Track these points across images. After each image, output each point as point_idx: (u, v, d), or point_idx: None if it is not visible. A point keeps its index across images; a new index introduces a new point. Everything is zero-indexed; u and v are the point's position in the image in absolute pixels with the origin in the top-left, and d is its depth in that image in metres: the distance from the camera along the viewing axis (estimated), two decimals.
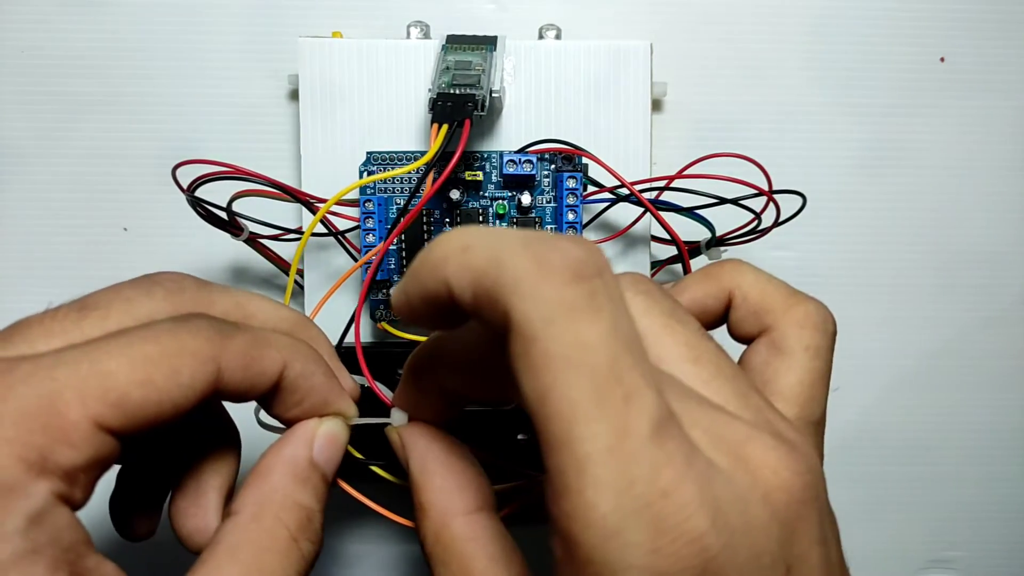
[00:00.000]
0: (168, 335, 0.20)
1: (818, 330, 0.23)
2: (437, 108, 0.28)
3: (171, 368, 0.20)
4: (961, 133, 0.39)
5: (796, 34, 0.39)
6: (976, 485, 0.41)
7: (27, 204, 0.38)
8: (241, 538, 0.21)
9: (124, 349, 0.20)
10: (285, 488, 0.22)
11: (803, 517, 0.18)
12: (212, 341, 0.21)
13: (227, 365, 0.21)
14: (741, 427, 0.18)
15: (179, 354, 0.20)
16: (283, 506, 0.22)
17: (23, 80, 0.38)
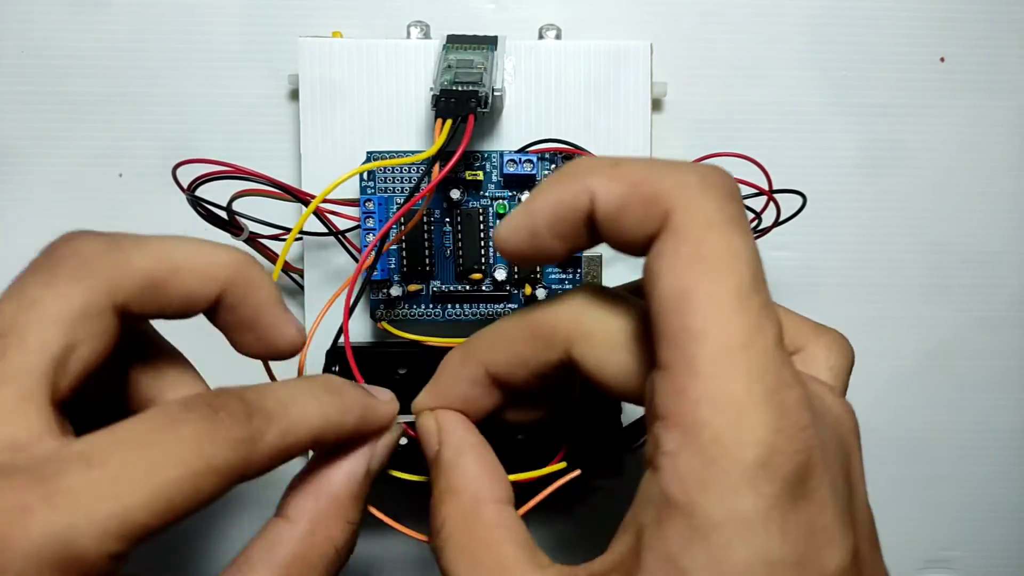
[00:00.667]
0: (194, 451, 0.19)
1: (841, 355, 0.24)
2: (440, 104, 0.28)
3: (194, 491, 0.19)
4: (960, 133, 0.39)
5: (796, 34, 0.39)
6: (974, 485, 0.41)
7: (27, 204, 0.38)
8: (294, 550, 0.22)
9: (144, 477, 0.18)
10: (341, 507, 0.23)
11: (855, 450, 0.20)
12: (242, 449, 0.20)
13: (256, 469, 0.20)
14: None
15: (205, 475, 0.19)
16: (336, 525, 0.23)
17: (23, 80, 0.38)
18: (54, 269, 0.21)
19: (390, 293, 0.32)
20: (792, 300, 0.39)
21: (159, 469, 0.18)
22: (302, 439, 0.21)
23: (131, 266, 0.21)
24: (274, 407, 0.21)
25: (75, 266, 0.21)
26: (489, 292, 0.33)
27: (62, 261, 0.22)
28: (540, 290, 0.32)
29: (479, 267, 0.32)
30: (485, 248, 0.32)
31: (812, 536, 0.17)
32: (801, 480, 0.17)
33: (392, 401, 0.25)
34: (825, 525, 0.18)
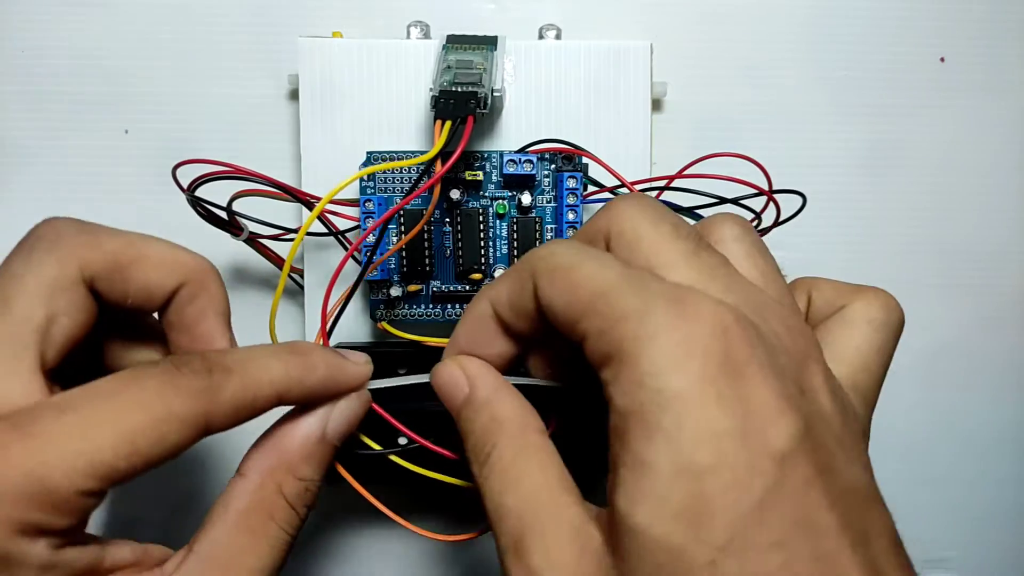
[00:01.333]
0: (157, 398, 0.21)
1: (883, 309, 0.25)
2: (440, 105, 0.28)
3: (159, 436, 0.21)
4: (961, 133, 0.39)
5: (796, 34, 0.39)
6: (973, 485, 0.41)
7: (27, 204, 0.38)
8: (247, 503, 0.23)
9: (111, 420, 0.21)
10: (292, 462, 0.24)
11: (812, 358, 0.22)
12: (202, 398, 0.22)
13: (218, 421, 0.22)
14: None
15: (167, 420, 0.21)
16: (286, 479, 0.24)
17: (24, 80, 0.38)
18: (33, 246, 0.24)
19: (390, 293, 0.32)
20: None
21: (124, 414, 0.21)
22: (264, 393, 0.23)
23: (100, 246, 0.24)
24: (234, 363, 0.23)
25: (51, 241, 0.24)
26: None
27: (40, 239, 0.24)
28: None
29: (479, 267, 0.32)
30: (485, 248, 0.32)
31: (750, 408, 0.18)
32: (724, 355, 0.19)
33: (366, 363, 0.26)
34: (763, 400, 0.19)
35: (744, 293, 0.21)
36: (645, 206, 0.23)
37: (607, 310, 0.20)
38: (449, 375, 0.25)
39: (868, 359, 0.25)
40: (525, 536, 0.20)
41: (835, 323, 0.25)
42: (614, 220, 0.23)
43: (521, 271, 0.23)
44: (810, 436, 0.19)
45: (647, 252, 0.22)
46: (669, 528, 0.18)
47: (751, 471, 0.18)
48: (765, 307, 0.21)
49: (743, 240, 0.24)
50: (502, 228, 0.33)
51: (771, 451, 0.18)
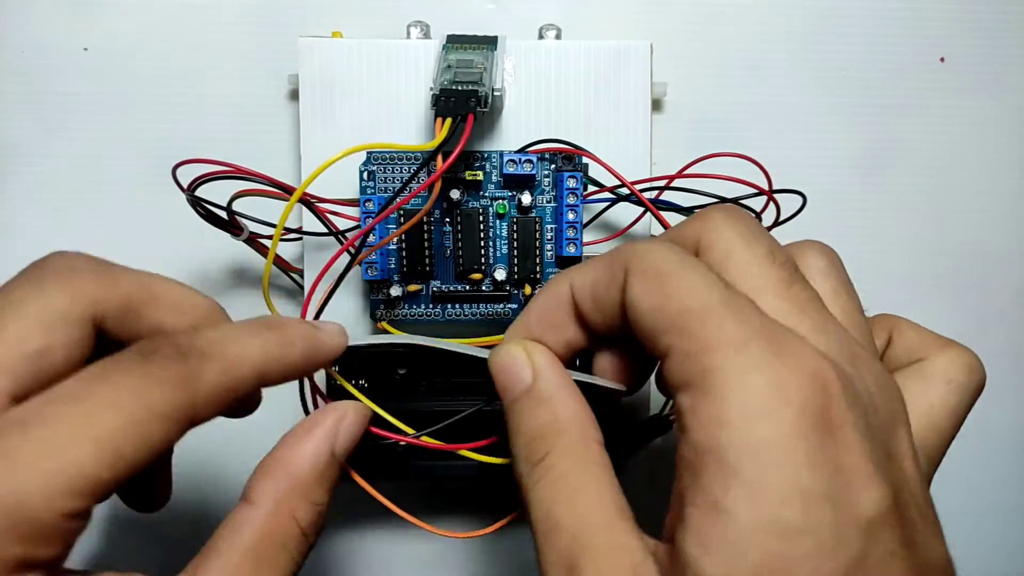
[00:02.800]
0: (132, 395, 0.19)
1: (966, 370, 0.24)
2: (440, 103, 0.28)
3: (142, 436, 0.19)
4: (961, 133, 0.39)
5: (796, 34, 0.39)
6: (974, 485, 0.41)
7: (27, 204, 0.38)
8: (259, 532, 0.21)
9: (86, 427, 0.18)
10: (304, 487, 0.23)
11: (900, 423, 0.21)
12: (182, 388, 0.20)
13: (202, 410, 0.21)
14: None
15: (148, 418, 0.19)
16: (300, 506, 0.22)
17: (23, 80, 0.38)
18: (43, 276, 0.22)
19: (390, 293, 0.32)
20: None
21: (97, 418, 0.18)
22: (245, 375, 0.21)
23: (116, 285, 0.23)
24: (208, 345, 0.21)
25: (65, 276, 0.22)
26: (489, 292, 0.33)
27: (53, 271, 0.22)
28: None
29: (479, 267, 0.32)
30: (485, 248, 0.32)
31: (841, 472, 0.17)
32: (820, 411, 0.18)
33: (340, 333, 0.25)
34: (855, 464, 0.18)
35: (837, 338, 0.20)
36: (740, 221, 0.21)
37: (700, 332, 0.19)
38: (513, 359, 0.23)
39: (940, 420, 0.24)
40: (580, 560, 0.19)
41: (913, 374, 0.24)
42: (706, 231, 0.21)
43: (614, 262, 0.21)
44: (897, 506, 0.18)
45: (737, 272, 0.20)
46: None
47: (837, 539, 0.17)
48: (857, 357, 0.20)
49: (830, 275, 0.23)
50: (502, 228, 0.33)
51: (859, 520, 0.17)
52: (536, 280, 0.33)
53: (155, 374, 0.20)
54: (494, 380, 0.23)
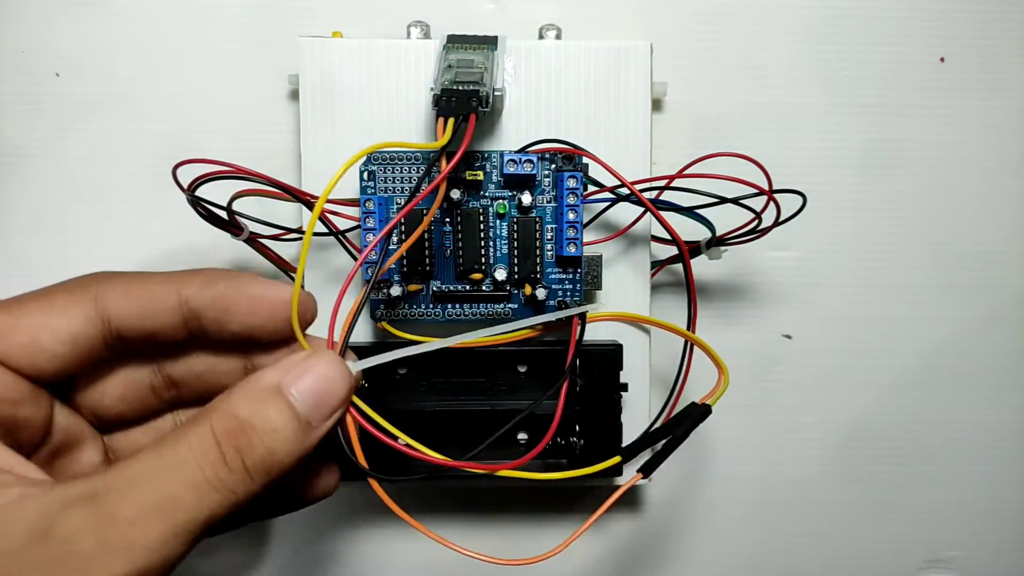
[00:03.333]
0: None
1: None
2: (442, 103, 0.28)
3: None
4: (961, 133, 0.39)
5: (796, 34, 0.39)
6: (974, 485, 0.41)
7: (27, 204, 0.38)
8: (172, 436, 0.23)
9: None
10: (229, 401, 0.23)
11: None
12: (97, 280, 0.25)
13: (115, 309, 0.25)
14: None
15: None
16: (219, 415, 0.23)
17: (23, 80, 0.38)
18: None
19: (390, 293, 0.32)
20: (792, 300, 0.39)
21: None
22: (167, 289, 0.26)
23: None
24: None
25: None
26: (489, 292, 0.33)
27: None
28: (540, 290, 0.32)
29: (479, 267, 0.32)
30: (485, 248, 0.32)
31: None
32: None
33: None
34: None
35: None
36: None
37: None
38: None
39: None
40: None
41: None
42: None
43: None
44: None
45: None
46: None
47: None
48: None
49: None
50: (502, 228, 0.33)
51: None
52: (536, 280, 0.33)
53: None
54: None
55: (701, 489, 0.40)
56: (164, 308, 0.25)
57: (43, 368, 0.24)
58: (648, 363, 0.35)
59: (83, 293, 0.25)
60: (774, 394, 0.40)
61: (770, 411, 0.40)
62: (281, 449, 0.23)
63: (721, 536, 0.40)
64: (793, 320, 0.40)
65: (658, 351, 0.36)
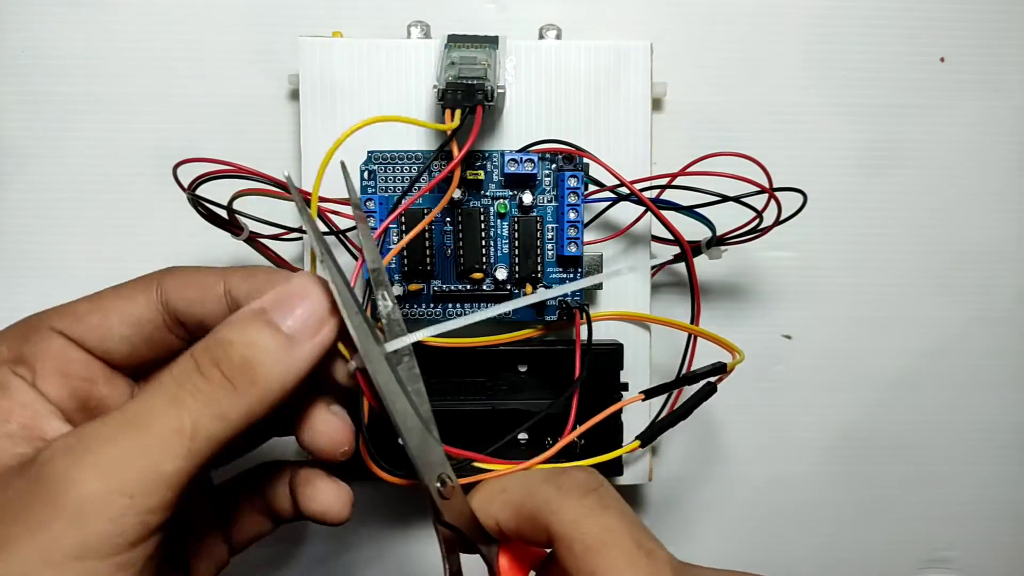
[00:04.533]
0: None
1: None
2: (448, 97, 0.28)
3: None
4: (961, 133, 0.39)
5: (796, 34, 0.39)
6: (974, 485, 0.41)
7: (27, 204, 0.38)
8: (162, 372, 0.23)
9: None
10: (212, 331, 0.24)
11: None
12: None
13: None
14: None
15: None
16: (201, 343, 0.23)
17: (23, 80, 0.38)
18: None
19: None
20: (792, 300, 0.39)
21: None
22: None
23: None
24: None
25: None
26: (490, 291, 0.33)
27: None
28: (541, 289, 0.32)
29: (480, 266, 0.32)
30: (486, 247, 0.32)
31: None
32: None
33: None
34: None
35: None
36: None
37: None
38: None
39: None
40: None
41: None
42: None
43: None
44: None
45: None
46: None
47: None
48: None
49: None
50: (503, 227, 0.33)
51: None
52: (537, 279, 0.33)
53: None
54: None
55: (701, 489, 0.40)
56: (211, 296, 0.26)
57: (113, 350, 0.26)
58: (649, 362, 0.35)
59: (148, 282, 0.26)
60: (774, 394, 0.40)
61: (770, 411, 0.40)
62: (264, 360, 0.23)
63: (721, 536, 0.40)
64: (793, 320, 0.40)
65: (658, 351, 0.36)
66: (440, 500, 0.26)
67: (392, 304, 0.27)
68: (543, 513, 0.24)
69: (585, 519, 0.24)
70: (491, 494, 0.26)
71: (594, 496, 0.24)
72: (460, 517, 0.26)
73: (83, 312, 0.26)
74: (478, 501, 0.26)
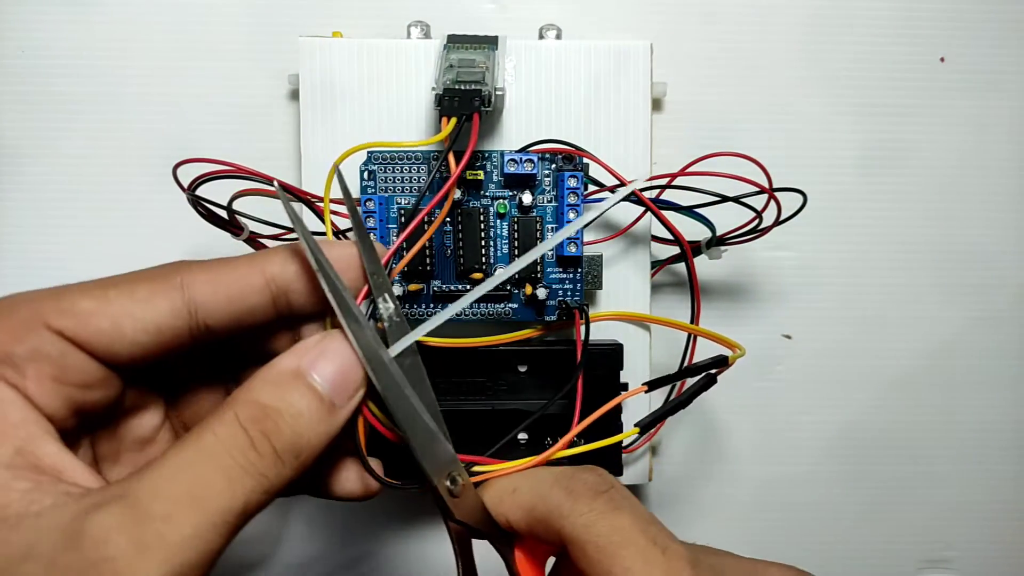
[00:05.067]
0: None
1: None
2: (445, 103, 0.28)
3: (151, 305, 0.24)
4: (961, 133, 0.39)
5: (796, 34, 0.39)
6: (974, 485, 0.41)
7: (27, 203, 0.38)
8: (196, 429, 0.23)
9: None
10: (250, 390, 0.23)
11: None
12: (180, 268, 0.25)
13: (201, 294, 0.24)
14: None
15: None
16: (242, 404, 0.23)
17: (23, 80, 0.38)
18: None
19: None
20: (792, 300, 0.39)
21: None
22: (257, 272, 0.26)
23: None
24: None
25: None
26: (490, 292, 0.33)
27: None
28: (540, 289, 0.32)
29: (480, 266, 0.32)
30: (486, 248, 0.32)
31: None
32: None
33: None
34: None
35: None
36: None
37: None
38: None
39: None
40: None
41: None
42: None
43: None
44: None
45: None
46: None
47: None
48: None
49: None
50: (503, 228, 0.33)
51: None
52: (537, 280, 0.33)
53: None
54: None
55: (701, 489, 0.40)
56: (252, 290, 0.25)
57: (120, 354, 0.24)
58: (648, 363, 0.35)
59: (167, 282, 0.24)
60: (774, 394, 0.40)
61: (770, 411, 0.40)
62: (308, 431, 0.23)
63: (721, 536, 0.40)
64: (793, 320, 0.40)
65: (658, 351, 0.36)
66: (451, 499, 0.26)
67: (394, 306, 0.26)
68: (554, 517, 0.24)
69: (597, 522, 0.23)
70: (502, 493, 0.26)
71: (604, 498, 0.24)
72: (473, 514, 0.26)
73: (88, 312, 0.23)
74: (489, 499, 0.26)
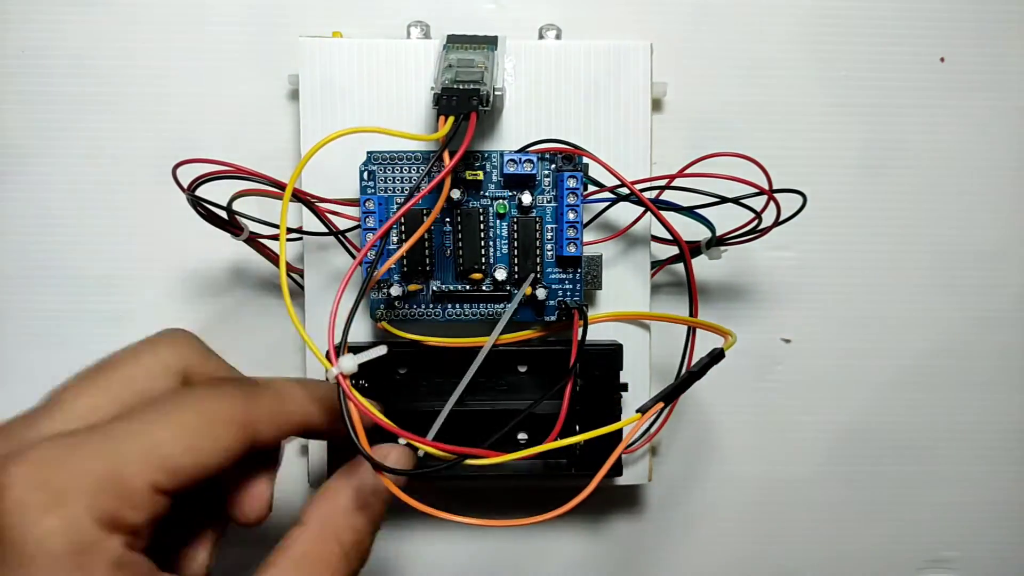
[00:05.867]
0: (206, 402, 0.24)
1: None
2: (442, 102, 0.28)
3: (212, 435, 0.24)
4: (961, 133, 0.39)
5: (796, 34, 0.39)
6: (974, 485, 0.41)
7: (26, 204, 0.38)
8: (304, 549, 0.25)
9: (171, 422, 0.23)
10: (347, 513, 0.26)
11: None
12: (241, 403, 0.25)
13: (260, 427, 0.25)
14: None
15: (216, 420, 0.24)
16: (342, 527, 0.26)
17: (23, 80, 0.38)
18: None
19: (390, 293, 0.32)
20: (792, 300, 0.39)
21: (180, 416, 0.24)
22: (293, 409, 0.27)
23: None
24: (263, 382, 0.27)
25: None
26: (489, 292, 0.33)
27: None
28: (540, 290, 0.32)
29: (479, 267, 0.32)
30: (485, 248, 0.32)
31: None
32: None
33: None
34: None
35: None
36: None
37: None
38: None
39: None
40: None
41: None
42: None
43: None
44: None
45: None
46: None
47: None
48: None
49: None
50: (502, 228, 0.33)
51: None
52: (537, 280, 0.33)
53: (223, 391, 0.25)
54: None
55: (701, 490, 0.40)
56: (311, 418, 0.27)
57: (167, 487, 0.23)
58: (648, 363, 0.35)
59: (236, 435, 0.25)
60: (774, 394, 0.40)
61: (770, 411, 0.40)
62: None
63: (721, 536, 0.40)
64: (792, 321, 0.40)
65: (658, 351, 0.36)
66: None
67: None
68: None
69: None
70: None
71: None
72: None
73: (184, 470, 0.23)
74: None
